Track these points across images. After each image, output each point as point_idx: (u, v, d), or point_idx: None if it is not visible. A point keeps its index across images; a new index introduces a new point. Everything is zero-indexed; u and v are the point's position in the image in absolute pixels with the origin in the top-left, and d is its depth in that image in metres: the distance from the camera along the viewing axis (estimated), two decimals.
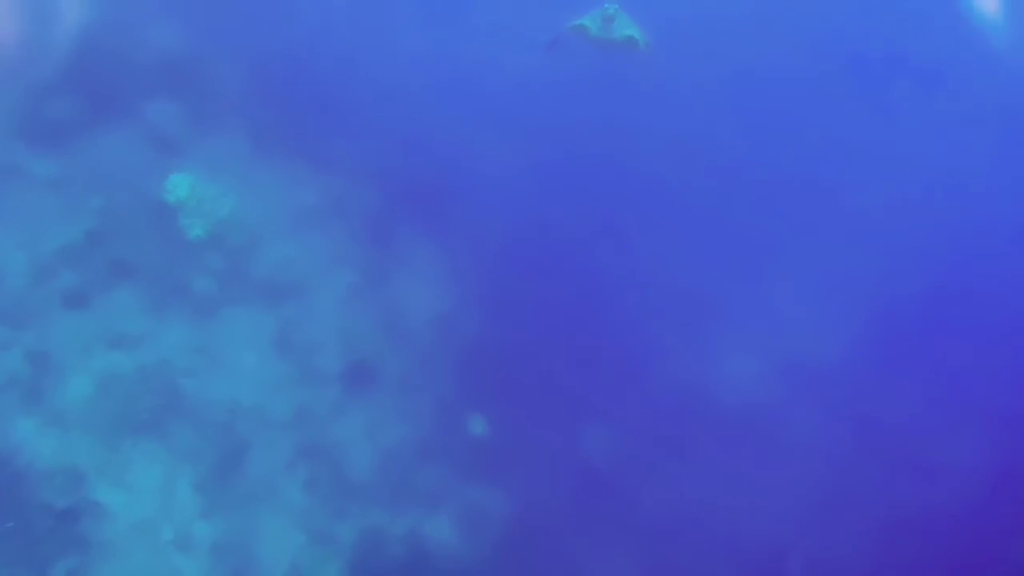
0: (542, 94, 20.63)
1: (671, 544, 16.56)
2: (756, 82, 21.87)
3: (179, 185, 15.31)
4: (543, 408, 17.43)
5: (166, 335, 14.81)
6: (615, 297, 18.90)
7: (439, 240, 18.58)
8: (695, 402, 17.89)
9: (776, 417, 18.23)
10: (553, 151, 19.39)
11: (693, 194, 20.24)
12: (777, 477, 17.56)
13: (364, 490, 14.95)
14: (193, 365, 14.75)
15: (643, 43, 15.03)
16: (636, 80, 19.87)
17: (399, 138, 19.33)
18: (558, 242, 19.14)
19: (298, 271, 16.67)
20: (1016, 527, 17.61)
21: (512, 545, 15.56)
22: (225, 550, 13.35)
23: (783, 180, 21.09)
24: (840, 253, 20.44)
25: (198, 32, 18.70)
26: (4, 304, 13.89)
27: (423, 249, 18.35)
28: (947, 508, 17.40)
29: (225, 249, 15.85)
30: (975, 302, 20.81)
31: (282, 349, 15.72)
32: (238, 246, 16.03)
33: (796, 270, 19.86)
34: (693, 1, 21.40)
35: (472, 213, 18.83)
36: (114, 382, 13.91)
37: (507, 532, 15.68)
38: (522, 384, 17.57)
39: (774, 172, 21.06)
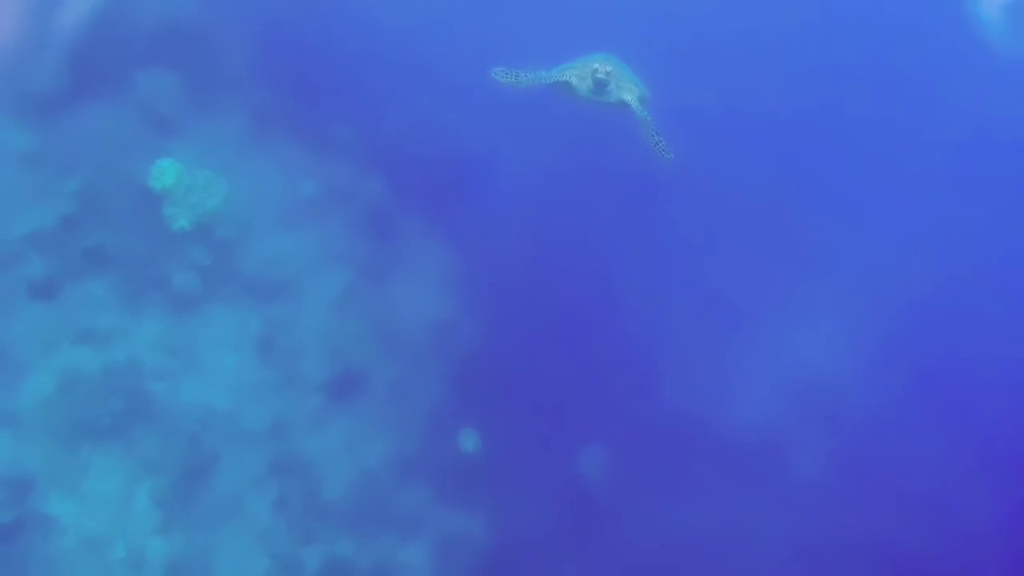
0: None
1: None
2: (762, 104, 20.57)
3: (165, 172, 14.22)
4: (539, 427, 16.45)
5: (138, 333, 13.81)
6: (622, 317, 17.79)
7: (444, 240, 17.48)
8: (698, 430, 16.82)
9: (781, 451, 17.16)
10: (573, 156, 18.11)
11: (708, 214, 19.04)
12: (777, 515, 16.53)
13: (337, 512, 13.97)
14: (165, 367, 13.76)
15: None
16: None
17: (409, 127, 18.16)
18: (568, 254, 18.00)
19: (289, 269, 15.60)
20: None
21: (489, 574, 14.68)
22: (180, 571, 12.43)
23: (796, 200, 19.97)
24: (857, 281, 19.25)
25: None
26: None
27: (426, 249, 17.26)
28: (953, 559, 16.43)
29: (211, 243, 14.79)
30: (996, 338, 19.62)
31: (264, 353, 14.70)
32: (225, 240, 14.97)
33: (810, 299, 18.71)
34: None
35: (482, 214, 17.67)
36: (76, 382, 12.94)
37: (487, 562, 14.75)
38: (519, 400, 16.59)
39: (785, 192, 19.87)
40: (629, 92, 10.54)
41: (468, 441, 15.75)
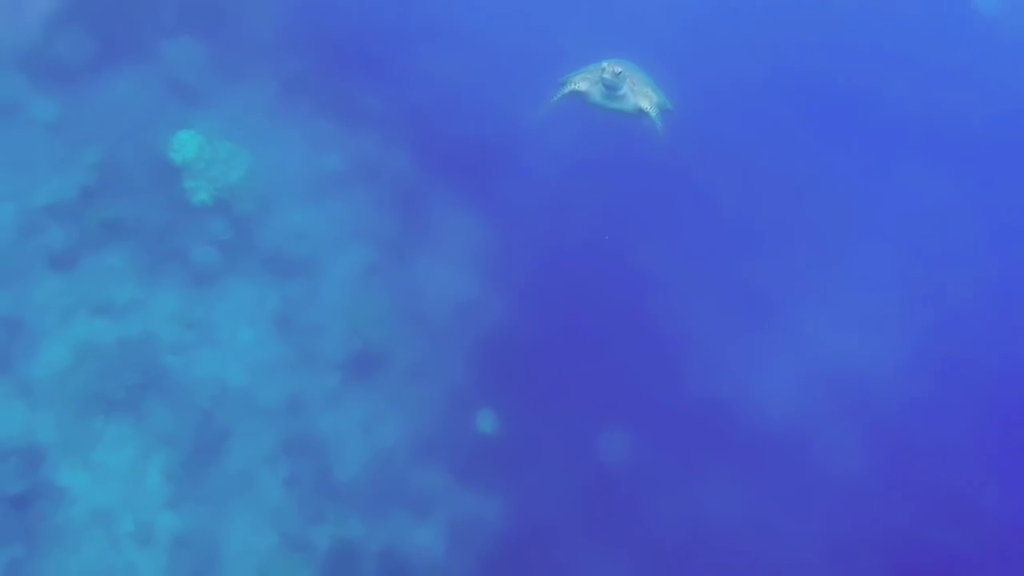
0: None
1: (680, 567, 15.31)
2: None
3: (186, 145, 14.12)
4: (560, 410, 16.13)
5: (155, 306, 13.79)
6: (652, 301, 17.33)
7: (471, 218, 17.17)
8: (723, 418, 16.39)
9: (809, 441, 16.63)
10: (608, 141, 17.63)
11: (744, 204, 18.46)
12: (801, 508, 16.10)
13: (349, 492, 13.83)
14: (181, 341, 13.73)
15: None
16: None
17: (441, 101, 17.82)
18: (599, 235, 17.57)
19: (311, 244, 15.44)
20: None
21: (504, 560, 14.44)
22: (188, 547, 12.41)
23: (831, 192, 19.41)
24: (891, 273, 18.58)
25: None
26: None
27: (452, 226, 16.99)
28: (981, 559, 15.95)
29: (231, 216, 14.67)
30: None
31: (282, 329, 14.59)
32: (246, 213, 14.84)
33: (843, 290, 18.11)
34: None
35: (512, 193, 17.29)
36: (92, 353, 12.97)
37: (500, 546, 14.54)
38: (540, 383, 16.27)
39: (821, 184, 19.24)
40: (647, 99, 10.10)
41: (487, 423, 15.50)
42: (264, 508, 13.16)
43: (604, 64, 9.91)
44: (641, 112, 10.06)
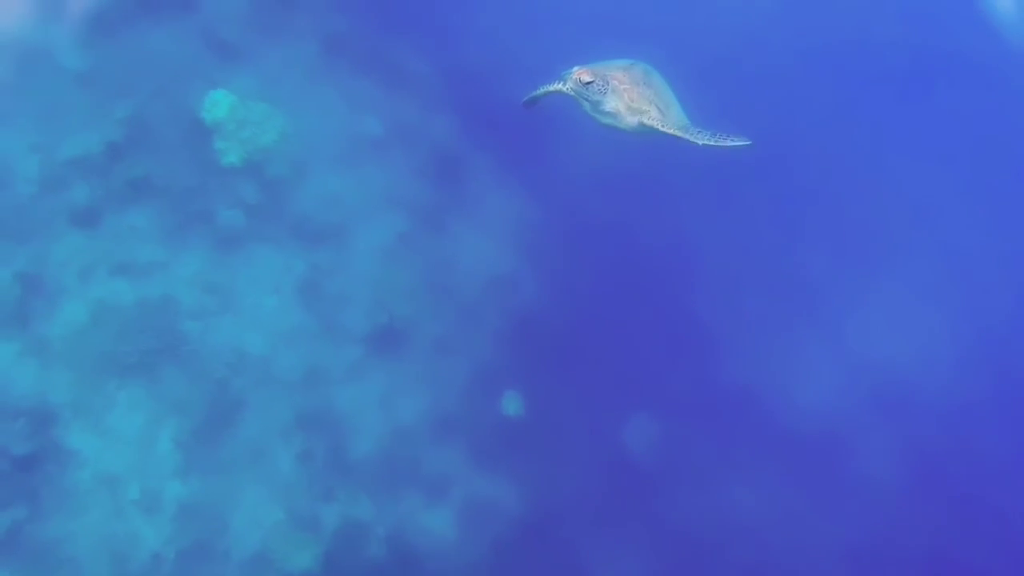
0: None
1: (700, 561, 14.96)
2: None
3: (218, 104, 13.72)
4: (588, 395, 15.79)
5: (177, 268, 13.49)
6: (690, 288, 16.72)
7: (510, 190, 16.64)
8: (756, 411, 16.02)
9: (843, 442, 16.33)
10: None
11: (792, 194, 17.57)
12: (830, 507, 15.80)
13: (362, 470, 13.54)
14: (201, 305, 13.45)
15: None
16: None
17: (488, 64, 17.04)
18: (641, 218, 16.85)
19: (342, 211, 15.03)
20: None
21: (516, 549, 14.10)
22: (193, 517, 12.22)
23: (879, 188, 18.75)
24: (939, 273, 17.71)
25: None
26: (5, 213, 12.76)
27: (489, 198, 16.47)
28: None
29: (261, 180, 14.30)
30: None
31: (306, 298, 14.24)
32: (277, 177, 14.45)
33: (889, 288, 17.30)
34: None
35: (554, 167, 16.63)
36: (110, 314, 12.74)
37: (515, 532, 14.19)
38: (569, 365, 15.87)
39: (870, 180, 18.26)
40: (646, 116, 8.04)
41: (511, 404, 15.10)
42: (273, 482, 12.93)
43: (574, 69, 7.90)
44: (642, 130, 8.12)
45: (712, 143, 8.14)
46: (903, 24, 20.83)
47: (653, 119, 8.07)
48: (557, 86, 8.26)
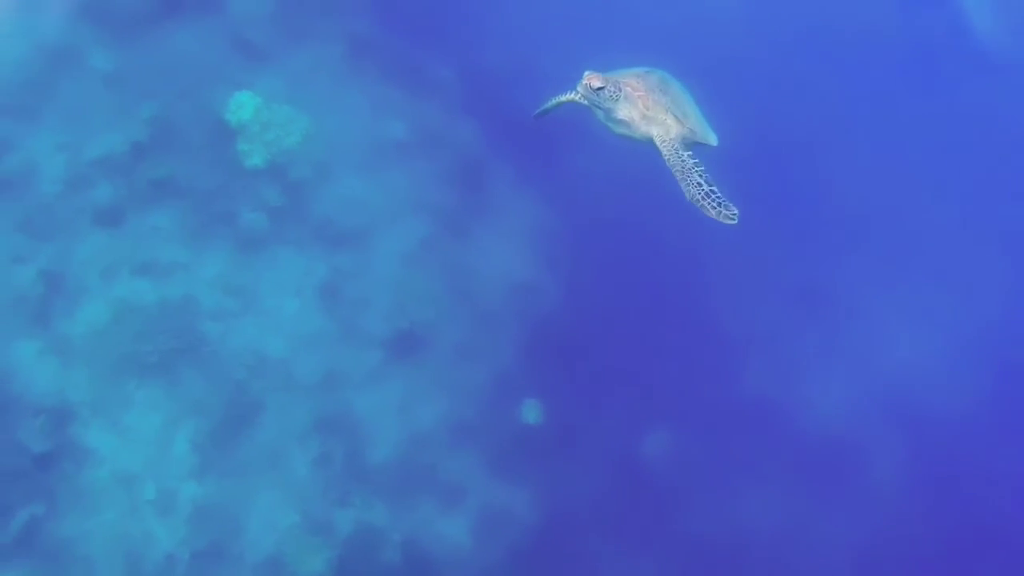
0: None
1: (716, 571, 14.84)
2: None
3: (243, 106, 13.77)
4: (608, 403, 15.60)
5: (198, 269, 13.52)
6: (710, 296, 16.51)
7: (533, 197, 16.53)
8: (774, 420, 15.82)
9: (857, 450, 16.09)
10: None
11: (811, 200, 17.37)
12: (845, 516, 15.55)
13: (378, 476, 13.46)
14: (221, 307, 13.46)
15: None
16: None
17: (513, 71, 16.98)
18: (662, 227, 16.63)
19: (364, 215, 14.98)
20: None
21: (532, 555, 13.90)
22: (207, 519, 12.21)
23: (899, 198, 18.44)
24: (957, 283, 17.43)
25: None
26: (30, 211, 12.85)
27: (514, 204, 16.38)
28: None
29: (284, 182, 14.31)
30: None
31: (326, 302, 14.21)
32: (300, 180, 14.46)
33: (907, 297, 17.07)
34: None
35: (577, 175, 16.48)
36: (131, 314, 12.78)
37: (530, 541, 14.03)
38: (590, 373, 15.71)
39: (890, 189, 18.07)
40: (661, 127, 7.71)
41: (531, 412, 14.97)
42: (289, 486, 12.88)
43: (585, 74, 7.59)
44: (652, 142, 7.71)
45: (699, 201, 7.87)
46: (921, 20, 20.69)
47: (660, 139, 7.77)
48: (569, 96, 8.10)
